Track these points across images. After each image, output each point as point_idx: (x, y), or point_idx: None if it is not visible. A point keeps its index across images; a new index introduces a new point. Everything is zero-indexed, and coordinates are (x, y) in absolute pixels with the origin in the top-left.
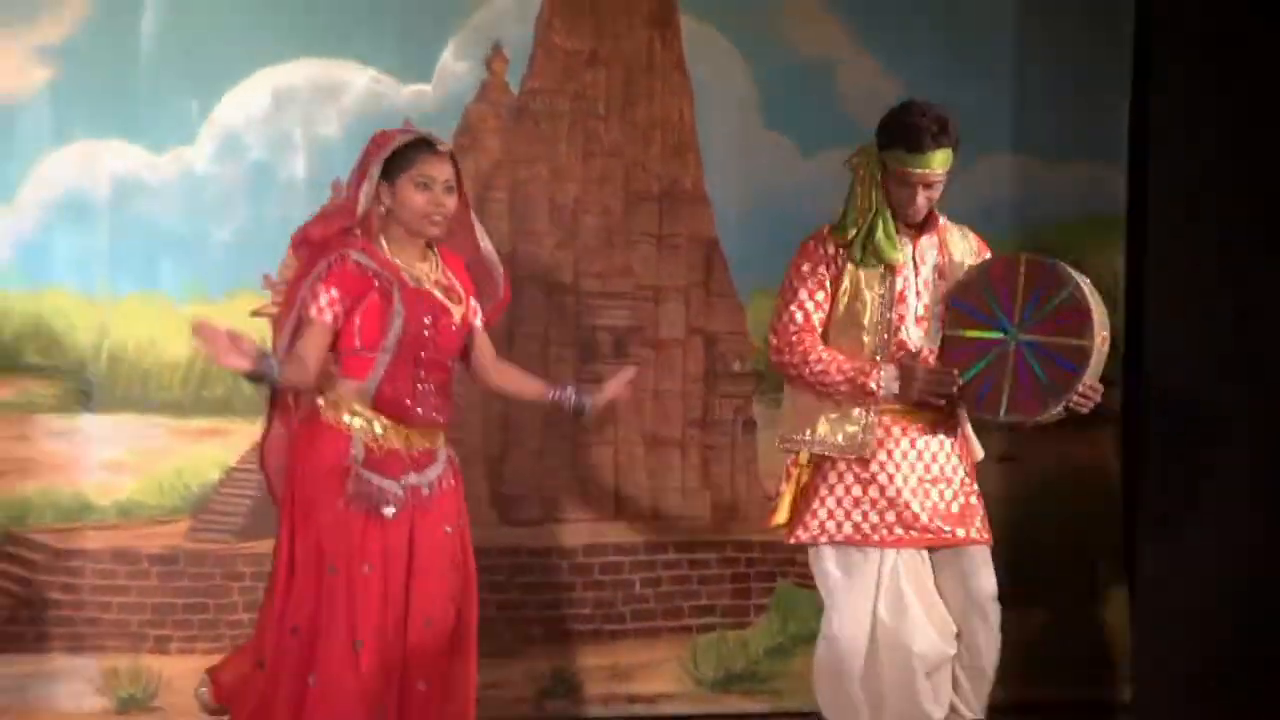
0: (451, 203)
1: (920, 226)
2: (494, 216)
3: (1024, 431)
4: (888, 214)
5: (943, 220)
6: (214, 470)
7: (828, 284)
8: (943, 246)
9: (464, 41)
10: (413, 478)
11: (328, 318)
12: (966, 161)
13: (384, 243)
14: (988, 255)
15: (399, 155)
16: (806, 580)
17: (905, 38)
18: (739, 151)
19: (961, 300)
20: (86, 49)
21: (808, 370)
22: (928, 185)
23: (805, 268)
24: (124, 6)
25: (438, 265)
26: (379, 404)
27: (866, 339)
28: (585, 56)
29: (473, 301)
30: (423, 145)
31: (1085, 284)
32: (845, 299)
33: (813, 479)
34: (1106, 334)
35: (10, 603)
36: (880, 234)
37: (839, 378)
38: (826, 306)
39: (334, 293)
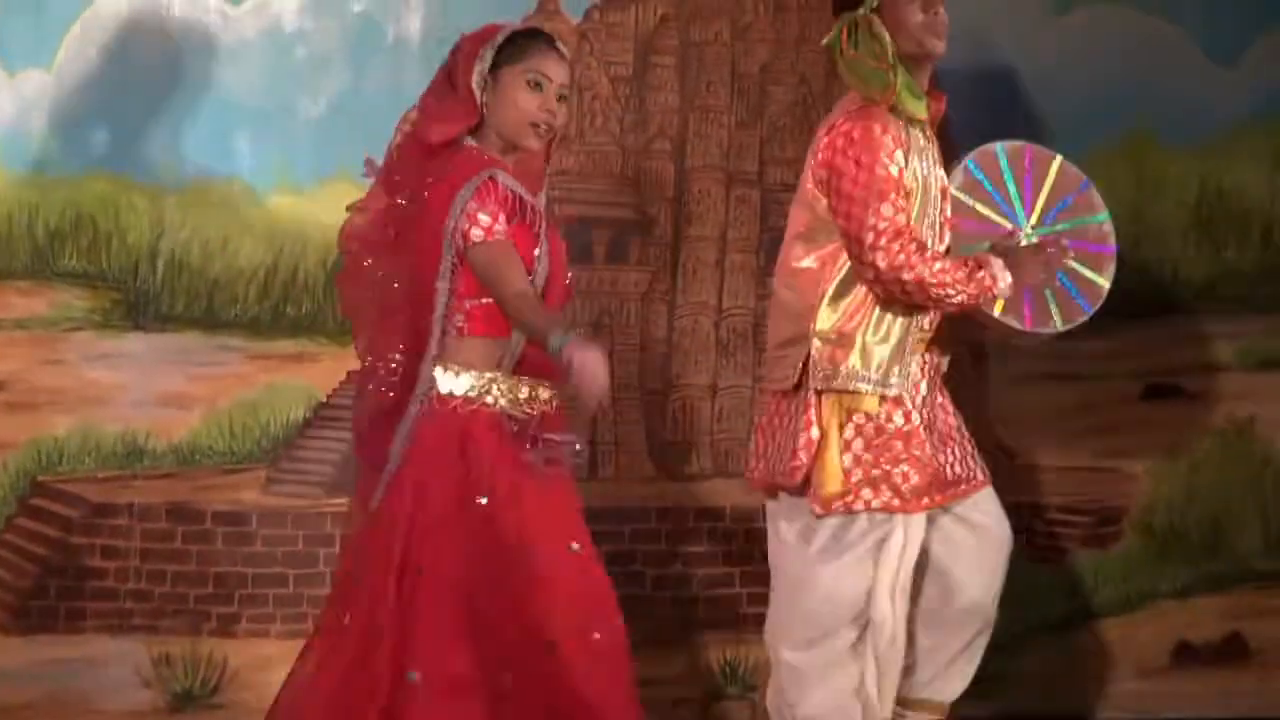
0: (563, 115)
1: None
2: (659, 87)
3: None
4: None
5: None
6: (298, 406)
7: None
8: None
9: None
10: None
11: (502, 234)
12: None
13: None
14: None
15: (509, 45)
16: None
17: None
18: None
19: (979, 168)
20: None
21: (927, 277)
22: None
23: (884, 138)
24: None
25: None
26: (523, 366)
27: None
28: None
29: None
30: (541, 39)
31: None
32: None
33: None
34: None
35: (38, 571)
36: (903, 82)
37: (969, 288)
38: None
39: (493, 210)
